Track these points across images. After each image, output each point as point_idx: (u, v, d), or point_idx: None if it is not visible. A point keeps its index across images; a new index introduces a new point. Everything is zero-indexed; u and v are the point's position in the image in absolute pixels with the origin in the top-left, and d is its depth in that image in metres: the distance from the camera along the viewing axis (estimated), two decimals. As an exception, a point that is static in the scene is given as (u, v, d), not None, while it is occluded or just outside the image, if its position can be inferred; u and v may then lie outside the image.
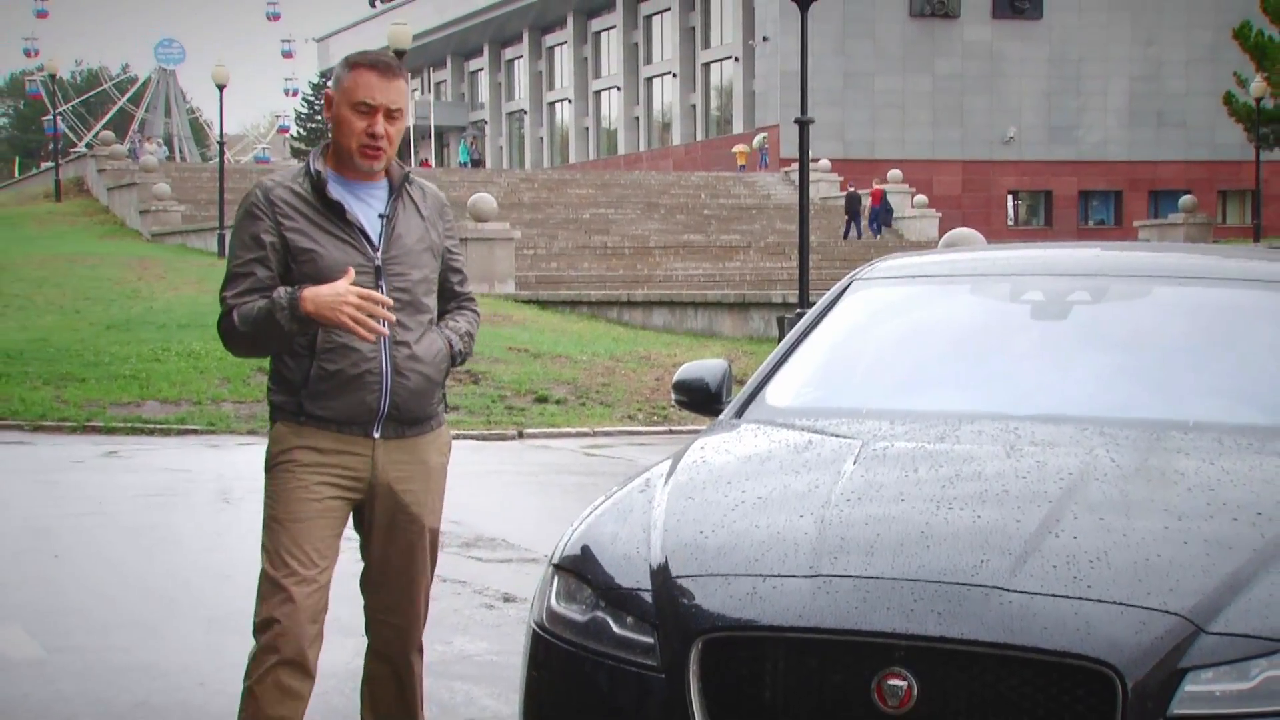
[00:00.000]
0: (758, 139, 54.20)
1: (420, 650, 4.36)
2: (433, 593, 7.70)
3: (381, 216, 4.07)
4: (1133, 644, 3.04)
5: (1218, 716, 3.02)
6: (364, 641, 4.34)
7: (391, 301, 3.93)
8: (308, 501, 4.00)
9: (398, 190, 4.11)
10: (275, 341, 3.96)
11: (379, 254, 4.02)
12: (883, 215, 41.69)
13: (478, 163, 68.09)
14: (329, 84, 4.11)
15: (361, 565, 4.25)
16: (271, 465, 4.07)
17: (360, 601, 4.29)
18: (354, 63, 4.03)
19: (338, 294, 3.82)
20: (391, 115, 3.98)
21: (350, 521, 4.17)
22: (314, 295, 3.83)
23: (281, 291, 3.89)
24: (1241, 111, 48.20)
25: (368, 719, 4.31)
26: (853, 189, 42.30)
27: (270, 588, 3.96)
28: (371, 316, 3.83)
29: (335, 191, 4.01)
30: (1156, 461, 3.78)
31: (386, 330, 3.90)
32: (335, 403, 4.00)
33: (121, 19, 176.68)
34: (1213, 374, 4.50)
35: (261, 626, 3.95)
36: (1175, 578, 3.18)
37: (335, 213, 4.00)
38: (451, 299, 4.32)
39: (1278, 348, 4.50)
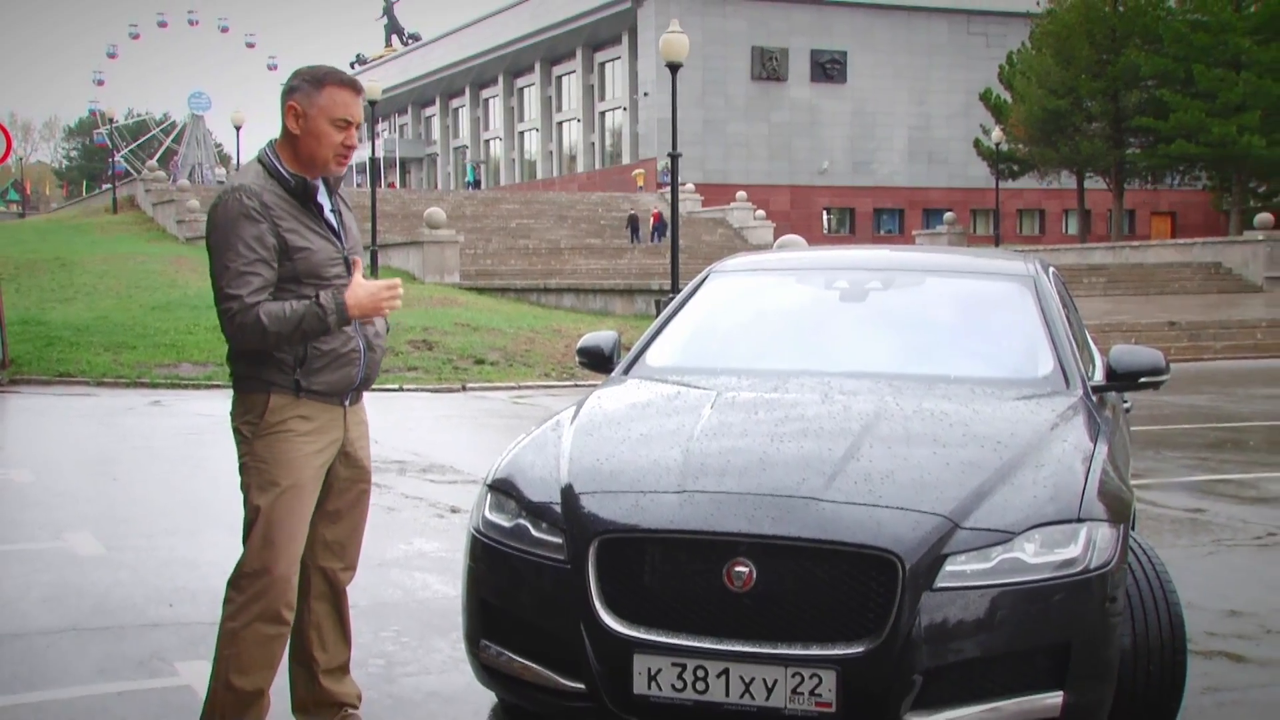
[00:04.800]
0: (662, 164, 53.12)
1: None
2: (397, 505, 7.72)
3: (334, 212, 3.48)
4: (910, 538, 3.08)
5: (968, 588, 3.07)
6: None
7: (400, 281, 3.41)
8: (304, 467, 3.39)
9: (333, 189, 3.50)
10: (308, 339, 3.33)
11: (344, 245, 3.47)
12: (660, 229, 40.68)
13: (479, 183, 65.53)
14: (295, 96, 3.36)
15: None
16: (268, 432, 3.37)
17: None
18: (327, 80, 3.35)
19: (372, 294, 3.31)
20: (358, 127, 3.43)
21: None
22: (356, 302, 3.30)
23: (327, 298, 3.29)
24: (986, 153, 49.18)
25: (319, 656, 3.61)
26: (632, 212, 41.60)
27: (264, 542, 3.33)
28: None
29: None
30: (929, 405, 3.81)
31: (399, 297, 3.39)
32: (329, 377, 3.41)
33: (162, 76, 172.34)
34: (967, 341, 4.54)
35: (252, 575, 3.35)
36: (940, 490, 3.23)
37: (317, 212, 3.41)
38: None
39: (1013, 322, 4.54)
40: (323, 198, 3.47)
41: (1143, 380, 4.28)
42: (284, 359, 3.37)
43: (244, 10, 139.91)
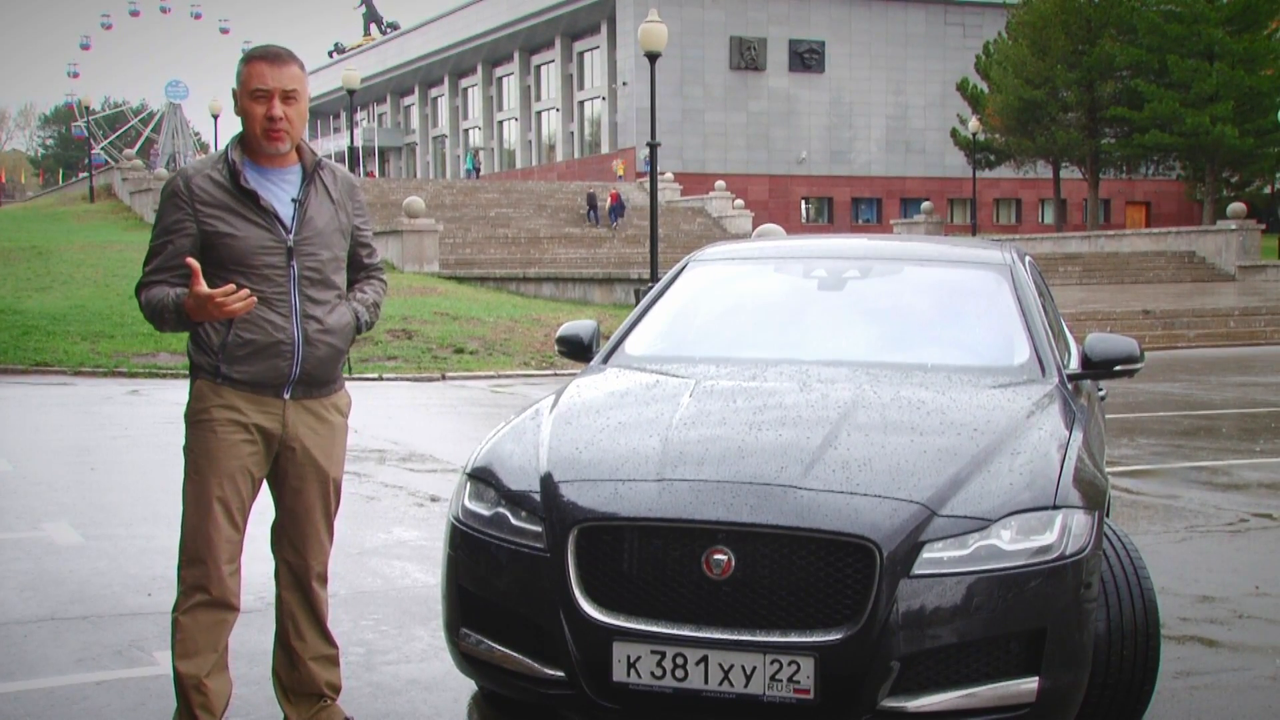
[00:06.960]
0: (641, 153, 52.70)
1: (325, 578, 3.61)
2: (377, 494, 7.71)
3: (294, 201, 3.34)
4: (887, 525, 3.08)
5: (945, 575, 3.08)
6: None
7: (234, 287, 3.20)
8: (225, 458, 3.33)
9: (310, 175, 3.38)
10: (170, 329, 3.32)
11: (291, 235, 3.32)
12: (617, 210, 40.39)
13: (479, 171, 64.24)
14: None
15: (273, 511, 3.57)
16: (193, 420, 3.38)
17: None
18: (247, 56, 3.29)
19: (199, 301, 3.15)
20: (288, 97, 3.27)
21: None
22: (191, 310, 3.20)
23: (170, 298, 3.24)
24: (963, 142, 49.35)
25: (295, 644, 3.57)
26: (591, 191, 41.37)
27: (194, 531, 3.34)
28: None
29: (250, 179, 3.30)
30: (905, 394, 3.81)
31: (254, 299, 3.23)
32: (250, 367, 3.32)
33: (138, 64, 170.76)
34: (944, 330, 4.55)
35: (187, 564, 3.36)
36: (917, 477, 3.23)
37: (250, 199, 3.29)
38: (361, 270, 3.62)
39: (989, 311, 4.54)
40: (269, 182, 3.34)
41: (1117, 368, 4.30)
42: (209, 343, 3.33)
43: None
